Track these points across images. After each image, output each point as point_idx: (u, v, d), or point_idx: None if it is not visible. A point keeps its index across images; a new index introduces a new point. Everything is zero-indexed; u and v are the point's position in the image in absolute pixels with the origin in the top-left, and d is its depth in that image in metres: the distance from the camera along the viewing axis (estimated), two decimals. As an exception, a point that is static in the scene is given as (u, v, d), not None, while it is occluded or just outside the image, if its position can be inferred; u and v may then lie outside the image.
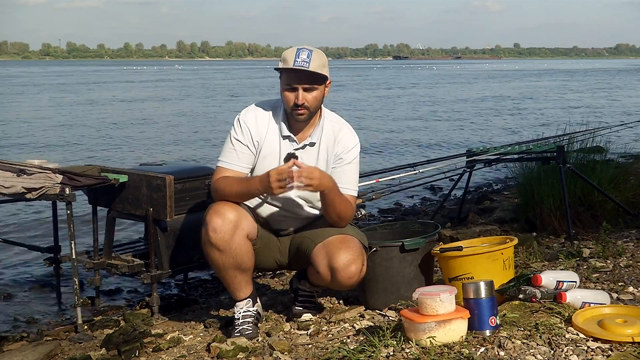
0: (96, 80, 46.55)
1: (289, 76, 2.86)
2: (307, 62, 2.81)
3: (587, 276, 3.37)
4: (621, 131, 8.40)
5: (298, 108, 2.86)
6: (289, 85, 2.87)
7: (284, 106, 2.94)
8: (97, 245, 3.87)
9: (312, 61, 2.82)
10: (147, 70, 78.70)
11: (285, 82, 2.88)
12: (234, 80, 47.12)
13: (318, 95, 2.89)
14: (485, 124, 17.69)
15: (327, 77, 2.91)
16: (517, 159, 5.30)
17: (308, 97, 2.86)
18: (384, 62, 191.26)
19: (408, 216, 6.68)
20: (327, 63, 2.92)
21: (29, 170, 3.44)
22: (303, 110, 2.87)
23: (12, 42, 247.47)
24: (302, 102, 2.85)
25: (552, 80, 45.56)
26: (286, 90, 2.88)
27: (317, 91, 2.88)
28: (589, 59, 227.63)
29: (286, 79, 2.87)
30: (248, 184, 2.86)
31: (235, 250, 2.86)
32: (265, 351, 2.77)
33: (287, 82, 2.87)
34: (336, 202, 2.91)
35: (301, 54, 2.82)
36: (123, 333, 3.12)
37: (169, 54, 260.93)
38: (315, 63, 2.82)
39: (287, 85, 2.87)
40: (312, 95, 2.87)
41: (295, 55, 2.82)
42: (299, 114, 2.88)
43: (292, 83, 2.85)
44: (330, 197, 2.88)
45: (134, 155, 11.80)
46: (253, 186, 2.83)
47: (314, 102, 2.88)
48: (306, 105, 2.86)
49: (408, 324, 2.43)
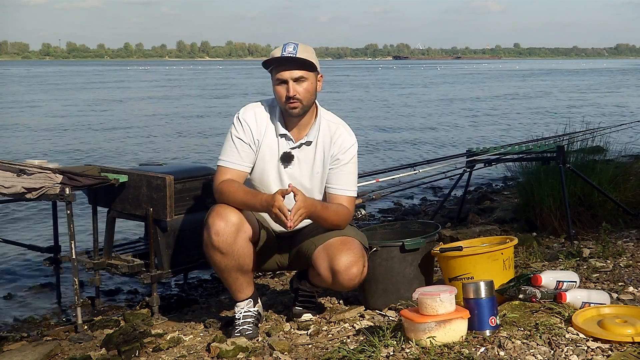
0: (96, 80, 46.54)
1: (278, 69, 2.87)
2: (293, 53, 2.84)
3: (587, 276, 3.37)
4: (621, 131, 8.39)
5: (290, 101, 2.86)
6: (279, 79, 2.87)
7: (278, 104, 2.94)
8: (97, 245, 3.87)
9: (299, 51, 2.84)
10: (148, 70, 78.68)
11: (275, 77, 2.89)
12: (234, 80, 47.11)
13: (309, 87, 2.89)
14: (485, 123, 17.69)
15: (316, 66, 2.90)
16: (517, 159, 5.30)
17: (299, 89, 2.86)
18: (384, 62, 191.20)
19: (408, 216, 6.69)
20: (316, 57, 2.93)
21: (29, 170, 3.44)
22: (296, 103, 2.87)
23: (12, 42, 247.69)
24: (293, 94, 2.85)
25: (552, 80, 45.53)
26: (277, 85, 2.89)
27: (307, 82, 2.88)
28: (589, 59, 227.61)
29: (276, 72, 2.88)
30: (253, 199, 2.81)
31: (237, 252, 2.86)
32: (265, 351, 2.77)
33: (277, 76, 2.88)
34: (326, 219, 2.91)
35: (287, 47, 2.86)
36: (123, 333, 3.12)
37: (169, 54, 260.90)
38: (302, 53, 2.85)
39: (277, 80, 2.88)
40: (303, 87, 2.87)
41: (282, 49, 2.86)
42: (292, 107, 2.88)
43: (282, 74, 2.86)
44: (317, 219, 2.89)
45: (134, 155, 11.80)
46: (257, 203, 2.80)
47: (305, 94, 2.88)
48: (298, 97, 2.86)
49: (408, 324, 2.43)
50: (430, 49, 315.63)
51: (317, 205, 2.84)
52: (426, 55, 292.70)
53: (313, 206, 2.81)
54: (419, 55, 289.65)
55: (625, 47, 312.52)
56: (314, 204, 2.83)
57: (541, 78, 50.27)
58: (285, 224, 2.70)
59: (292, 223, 2.69)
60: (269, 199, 2.74)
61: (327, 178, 3.01)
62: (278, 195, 2.71)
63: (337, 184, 2.99)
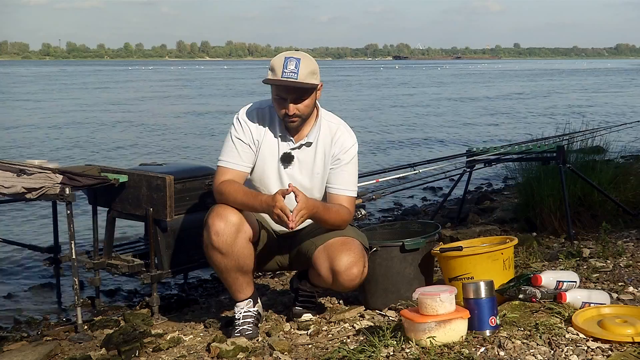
0: (96, 80, 46.52)
1: (277, 88, 2.83)
2: (295, 73, 2.76)
3: (587, 276, 3.37)
4: (621, 131, 8.39)
5: (289, 117, 2.85)
6: (278, 96, 2.85)
7: (276, 113, 2.93)
8: (97, 245, 3.87)
9: (301, 71, 2.77)
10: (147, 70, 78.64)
11: (274, 92, 2.86)
12: (234, 80, 47.10)
13: (309, 103, 2.87)
14: (485, 123, 17.69)
15: (316, 86, 2.87)
16: (517, 159, 5.30)
17: (299, 107, 2.84)
18: (384, 62, 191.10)
19: (408, 216, 6.69)
20: (317, 70, 2.87)
21: (29, 170, 3.44)
22: (295, 119, 2.86)
23: (12, 42, 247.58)
24: (293, 113, 2.84)
25: (551, 81, 45.52)
26: (276, 100, 2.87)
27: (308, 99, 2.85)
28: (589, 59, 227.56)
29: (275, 90, 2.85)
30: (254, 200, 2.81)
31: (237, 253, 2.85)
32: (265, 351, 2.77)
33: (276, 93, 2.85)
34: (327, 220, 2.91)
35: (289, 64, 2.77)
36: (123, 333, 3.12)
37: (169, 54, 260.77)
38: (303, 72, 2.78)
39: (276, 96, 2.85)
40: (303, 104, 2.85)
41: (283, 66, 2.78)
42: (290, 122, 2.87)
43: (281, 94, 2.83)
44: (318, 219, 2.89)
45: (134, 155, 11.80)
46: (257, 203, 2.79)
47: (305, 109, 2.86)
48: (297, 114, 2.85)
49: (408, 324, 2.43)
50: (430, 49, 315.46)
51: (318, 206, 2.84)
52: (426, 55, 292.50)
53: (314, 207, 2.80)
54: (419, 55, 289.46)
55: (625, 47, 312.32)
56: (316, 205, 2.82)
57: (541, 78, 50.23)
58: (287, 224, 2.70)
59: (294, 224, 2.69)
60: (270, 199, 2.73)
61: (328, 178, 3.00)
62: (279, 196, 2.71)
63: (338, 184, 2.99)
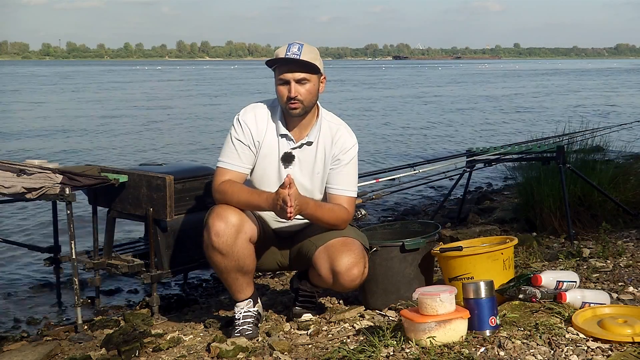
0: (96, 80, 46.53)
1: (281, 69, 2.87)
2: (297, 55, 2.82)
3: (587, 276, 3.37)
4: (621, 131, 8.40)
5: (291, 101, 2.86)
6: (281, 79, 2.87)
7: (280, 103, 2.94)
8: (97, 245, 3.87)
9: (303, 53, 2.83)
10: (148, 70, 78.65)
11: (278, 77, 2.88)
12: (234, 80, 47.10)
13: (312, 89, 2.88)
14: (485, 123, 17.69)
15: (319, 69, 2.90)
16: (517, 159, 5.30)
17: (301, 91, 2.85)
18: (385, 62, 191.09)
19: (408, 216, 6.69)
20: (320, 58, 2.92)
21: (29, 170, 3.44)
22: (297, 104, 2.86)
23: (12, 42, 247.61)
24: (295, 95, 2.84)
25: (552, 81, 45.52)
26: (280, 84, 2.88)
27: (310, 84, 2.87)
28: (589, 59, 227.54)
29: (279, 73, 2.88)
30: (258, 197, 2.82)
31: (237, 253, 2.85)
32: (265, 351, 2.77)
33: (280, 76, 2.87)
34: (321, 218, 2.91)
35: (292, 47, 2.84)
36: (123, 333, 3.12)
37: (169, 54, 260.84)
38: (306, 54, 2.84)
39: (280, 80, 2.88)
40: (306, 88, 2.86)
41: (287, 49, 2.84)
42: (292, 107, 2.87)
43: (284, 75, 2.86)
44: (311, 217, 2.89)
45: (134, 155, 11.79)
46: (262, 201, 2.81)
47: (307, 95, 2.87)
48: (299, 98, 2.86)
49: (408, 324, 2.43)
50: (430, 49, 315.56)
51: (309, 202, 2.85)
52: (426, 55, 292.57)
53: (305, 203, 2.81)
54: (419, 55, 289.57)
55: (625, 47, 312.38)
56: (306, 200, 2.84)
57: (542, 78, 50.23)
58: (286, 213, 2.70)
59: (292, 209, 2.69)
60: (273, 194, 2.76)
61: (328, 178, 3.00)
62: (280, 189, 2.73)
63: (337, 185, 2.99)
